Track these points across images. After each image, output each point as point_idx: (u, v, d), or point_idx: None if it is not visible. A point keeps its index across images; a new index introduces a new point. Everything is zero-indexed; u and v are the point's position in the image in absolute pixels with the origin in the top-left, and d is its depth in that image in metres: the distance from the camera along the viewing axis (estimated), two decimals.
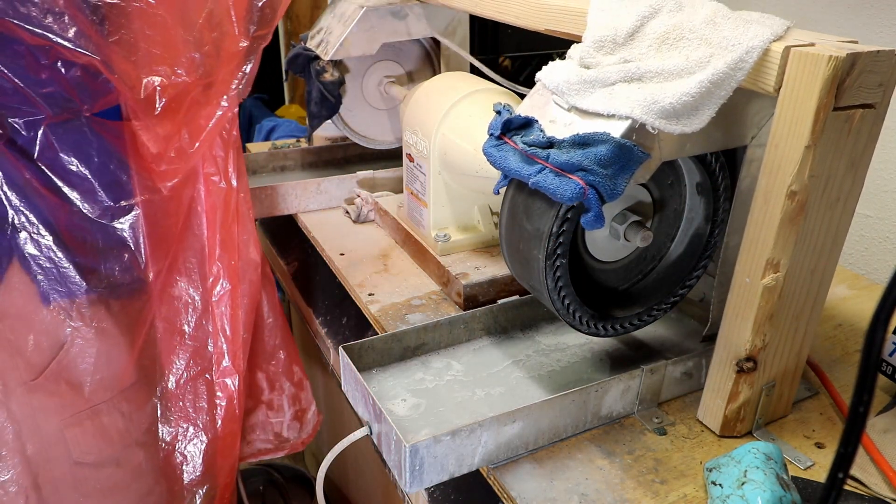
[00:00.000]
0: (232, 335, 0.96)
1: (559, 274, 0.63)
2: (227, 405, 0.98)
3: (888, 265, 1.01)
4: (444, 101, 0.87)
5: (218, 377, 0.97)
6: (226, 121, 0.88)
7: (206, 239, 0.94)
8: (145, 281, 0.91)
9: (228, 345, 0.96)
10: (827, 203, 0.59)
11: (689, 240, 0.73)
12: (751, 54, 0.55)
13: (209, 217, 0.93)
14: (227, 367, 0.97)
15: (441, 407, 0.70)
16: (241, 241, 0.96)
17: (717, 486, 0.58)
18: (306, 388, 1.12)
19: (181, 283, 0.95)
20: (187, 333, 0.96)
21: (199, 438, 0.98)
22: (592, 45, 0.61)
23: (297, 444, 1.12)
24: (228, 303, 0.95)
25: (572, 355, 0.78)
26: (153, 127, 0.84)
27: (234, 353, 0.96)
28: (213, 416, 0.98)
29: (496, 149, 0.61)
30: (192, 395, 0.97)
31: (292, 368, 1.10)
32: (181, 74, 0.82)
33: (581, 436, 0.68)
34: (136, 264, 0.90)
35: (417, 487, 0.60)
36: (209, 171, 0.92)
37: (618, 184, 0.56)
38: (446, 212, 0.94)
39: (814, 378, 0.76)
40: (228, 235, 0.94)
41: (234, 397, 0.97)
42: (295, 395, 1.10)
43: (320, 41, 1.08)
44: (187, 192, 0.91)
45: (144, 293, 0.92)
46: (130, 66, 0.80)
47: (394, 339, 0.75)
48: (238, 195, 0.94)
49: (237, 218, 0.95)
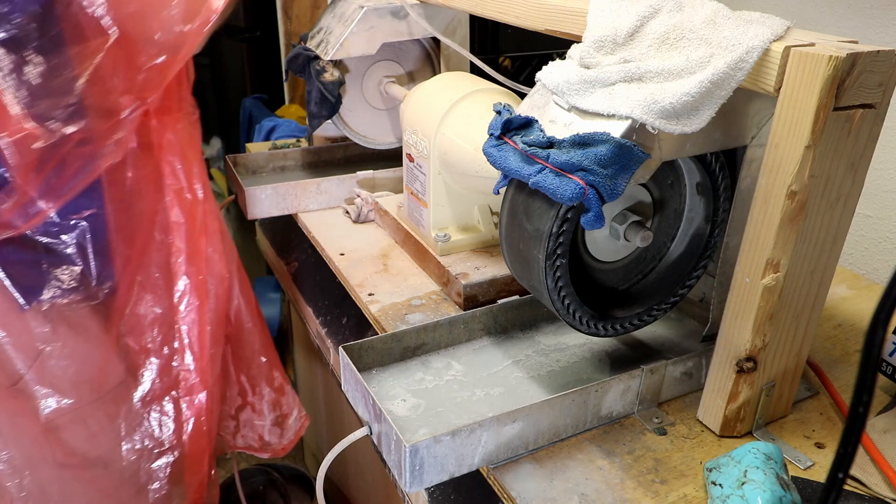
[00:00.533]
0: (199, 351, 0.94)
1: (559, 274, 0.63)
2: (194, 422, 0.96)
3: (888, 265, 1.01)
4: (444, 101, 0.87)
5: (185, 394, 0.95)
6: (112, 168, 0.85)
7: (172, 253, 0.92)
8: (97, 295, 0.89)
9: (196, 361, 0.94)
10: (827, 203, 0.59)
11: (689, 240, 0.73)
12: (751, 54, 0.55)
13: (174, 230, 0.91)
14: (195, 383, 0.95)
15: (441, 407, 0.70)
16: (209, 254, 0.94)
17: (717, 486, 0.58)
18: (288, 393, 1.11)
19: (146, 299, 0.93)
20: (152, 350, 0.94)
21: (164, 457, 0.96)
22: (592, 45, 0.61)
23: (278, 450, 1.11)
24: (196, 318, 0.93)
25: (572, 355, 0.78)
26: (26, 173, 0.80)
27: (201, 370, 0.95)
28: (181, 433, 0.96)
29: (496, 149, 0.61)
30: (157, 412, 0.95)
31: (272, 374, 1.09)
32: (57, 127, 0.78)
33: (581, 436, 0.68)
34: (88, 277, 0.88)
35: (417, 487, 0.60)
36: (172, 183, 0.90)
37: (618, 184, 0.56)
38: (446, 212, 0.93)
39: (814, 378, 0.76)
40: (195, 249, 0.92)
41: (201, 414, 0.95)
42: (275, 400, 1.09)
43: (320, 41, 1.08)
44: (148, 205, 0.90)
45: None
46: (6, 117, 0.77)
47: (394, 339, 0.75)
48: (204, 207, 0.92)
49: (204, 231, 0.93)
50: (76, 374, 0.89)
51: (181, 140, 0.89)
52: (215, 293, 0.95)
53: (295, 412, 1.11)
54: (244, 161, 1.23)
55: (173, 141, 0.90)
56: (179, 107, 0.91)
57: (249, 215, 1.10)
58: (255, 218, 1.12)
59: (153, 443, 0.96)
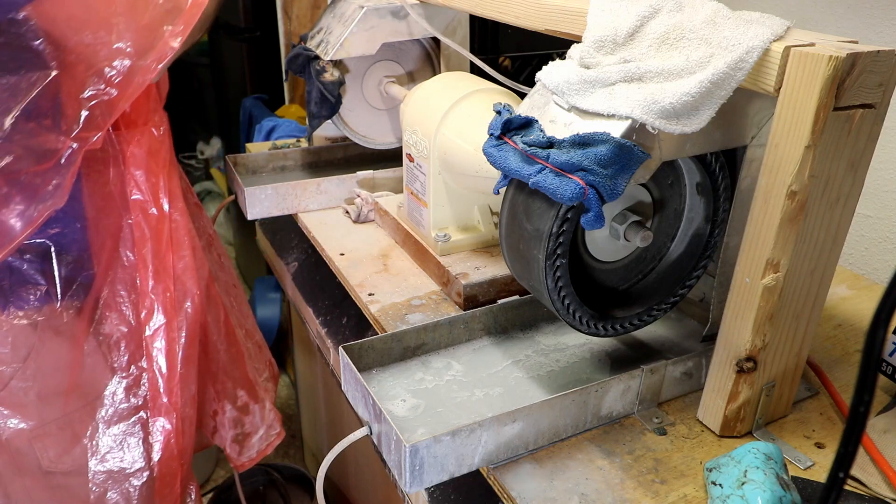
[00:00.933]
0: (168, 372, 0.90)
1: (559, 274, 0.63)
2: (163, 444, 0.92)
3: (888, 265, 1.01)
4: (444, 101, 0.87)
5: (153, 416, 0.91)
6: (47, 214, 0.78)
7: (138, 270, 0.88)
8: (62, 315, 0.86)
9: (165, 382, 0.90)
10: (827, 203, 0.59)
11: (689, 240, 0.73)
12: (751, 54, 0.55)
13: (139, 247, 0.88)
14: (164, 404, 0.91)
15: (441, 407, 0.70)
16: (178, 270, 0.90)
17: (717, 486, 0.58)
18: (252, 413, 1.08)
19: (111, 318, 0.89)
20: (118, 370, 0.90)
21: (133, 480, 0.93)
22: (592, 45, 0.61)
23: (238, 466, 1.09)
24: (164, 337, 0.90)
25: (572, 355, 0.78)
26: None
27: (170, 391, 0.91)
28: (149, 456, 0.92)
29: (496, 149, 0.61)
30: (124, 434, 0.92)
31: (236, 393, 1.06)
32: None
33: (581, 436, 0.68)
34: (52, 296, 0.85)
35: (417, 487, 0.60)
36: (137, 198, 0.86)
37: (618, 184, 0.56)
38: (446, 212, 0.93)
39: (814, 378, 0.76)
40: (162, 266, 0.89)
41: (171, 437, 0.92)
42: (237, 418, 1.06)
43: (320, 41, 1.08)
44: (112, 222, 0.86)
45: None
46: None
47: (394, 339, 0.75)
48: (171, 222, 0.89)
49: (171, 246, 0.89)
50: (38, 395, 0.86)
51: (147, 154, 0.86)
52: (185, 311, 0.92)
53: (261, 431, 1.08)
54: (244, 161, 1.23)
55: (138, 155, 0.86)
56: (146, 120, 0.87)
57: (249, 215, 1.10)
58: (254, 218, 1.12)
59: (121, 465, 0.92)
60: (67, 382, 0.88)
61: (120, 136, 0.85)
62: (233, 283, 1.17)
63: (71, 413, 0.88)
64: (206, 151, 3.22)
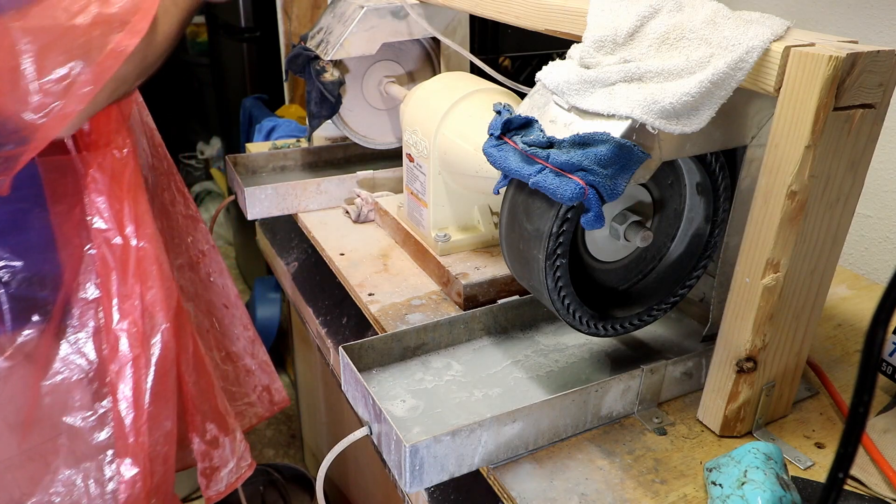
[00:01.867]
0: (135, 410, 0.84)
1: (559, 274, 0.63)
2: (128, 486, 0.86)
3: (888, 265, 1.01)
4: (444, 101, 0.87)
5: (119, 456, 0.85)
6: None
7: (101, 304, 0.82)
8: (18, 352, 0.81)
9: (132, 422, 0.84)
10: (827, 203, 0.59)
11: (689, 240, 0.73)
12: (751, 54, 0.55)
13: (102, 278, 0.82)
14: (130, 444, 0.84)
15: (440, 407, 0.70)
16: (146, 302, 0.84)
17: (717, 486, 0.58)
18: (223, 447, 1.03)
19: (71, 355, 0.83)
20: (79, 408, 0.84)
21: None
22: (592, 45, 0.61)
23: (207, 498, 1.04)
24: (131, 374, 0.83)
25: (572, 355, 0.78)
26: None
27: (136, 430, 0.84)
28: (115, 499, 0.87)
29: (496, 149, 0.61)
30: (86, 476, 0.86)
31: (205, 426, 1.01)
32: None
33: (581, 436, 0.68)
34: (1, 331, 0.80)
35: (417, 487, 0.60)
36: (100, 226, 0.81)
37: (618, 184, 0.56)
38: (446, 212, 0.94)
39: (814, 378, 0.76)
40: (127, 297, 0.83)
41: (137, 479, 0.85)
42: (205, 452, 1.01)
43: (320, 41, 1.08)
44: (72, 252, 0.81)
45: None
46: None
47: (394, 339, 0.75)
48: (137, 251, 0.82)
49: (139, 276, 0.83)
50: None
51: (110, 178, 0.80)
52: (154, 345, 0.86)
53: (231, 464, 1.03)
54: (244, 161, 1.23)
55: (99, 180, 0.80)
56: (108, 141, 0.81)
57: (249, 215, 1.10)
58: (254, 218, 1.12)
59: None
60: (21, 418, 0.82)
61: (82, 159, 0.80)
62: (224, 303, 1.13)
63: (30, 450, 0.84)
64: (206, 151, 3.22)
